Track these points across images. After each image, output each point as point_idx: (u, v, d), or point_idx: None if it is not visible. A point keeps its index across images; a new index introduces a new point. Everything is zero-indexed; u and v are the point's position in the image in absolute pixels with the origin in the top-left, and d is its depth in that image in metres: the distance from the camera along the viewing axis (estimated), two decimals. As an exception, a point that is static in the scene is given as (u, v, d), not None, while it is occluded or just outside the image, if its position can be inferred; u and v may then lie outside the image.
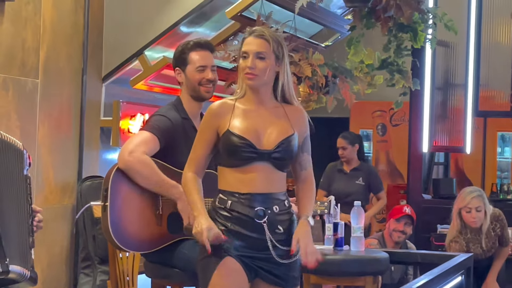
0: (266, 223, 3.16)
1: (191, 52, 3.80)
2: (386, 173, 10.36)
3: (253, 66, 3.17)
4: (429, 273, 4.04)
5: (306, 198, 3.33)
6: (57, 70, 5.53)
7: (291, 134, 3.23)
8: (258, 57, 3.18)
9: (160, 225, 3.66)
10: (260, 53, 3.19)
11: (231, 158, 3.17)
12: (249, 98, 3.24)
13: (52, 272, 5.45)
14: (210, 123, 3.22)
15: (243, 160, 3.16)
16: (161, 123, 3.71)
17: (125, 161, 3.58)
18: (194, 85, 3.78)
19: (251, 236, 3.15)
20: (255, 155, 3.16)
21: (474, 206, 5.62)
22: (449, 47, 8.26)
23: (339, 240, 4.68)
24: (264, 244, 3.16)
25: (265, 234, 3.15)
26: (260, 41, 3.21)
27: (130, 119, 5.97)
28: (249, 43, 3.21)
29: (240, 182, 3.17)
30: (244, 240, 3.15)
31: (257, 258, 3.17)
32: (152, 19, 5.92)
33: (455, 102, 8.43)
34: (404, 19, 5.54)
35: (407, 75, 6.02)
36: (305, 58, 5.82)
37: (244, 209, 3.15)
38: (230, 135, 3.16)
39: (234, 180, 3.18)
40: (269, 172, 3.20)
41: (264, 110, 3.24)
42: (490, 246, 5.75)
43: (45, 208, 3.91)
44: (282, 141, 3.20)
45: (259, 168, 3.17)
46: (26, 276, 3.07)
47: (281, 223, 3.21)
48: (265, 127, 3.21)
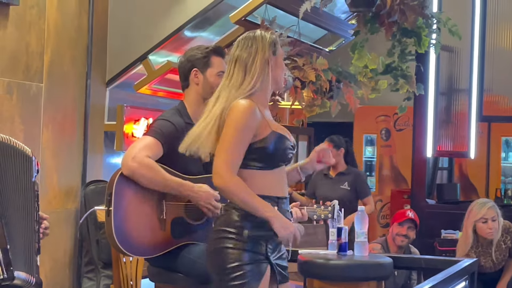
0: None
1: (214, 56, 3.84)
2: (390, 178, 10.36)
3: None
4: (432, 278, 4.03)
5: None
6: (61, 74, 5.54)
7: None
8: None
9: (164, 230, 3.66)
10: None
11: (274, 160, 3.13)
12: (264, 96, 3.20)
13: (56, 276, 5.45)
14: (250, 124, 3.08)
15: (285, 161, 3.18)
16: (165, 128, 3.71)
17: (129, 167, 3.58)
18: (212, 88, 3.78)
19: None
20: (292, 155, 3.22)
21: (490, 216, 5.63)
22: (453, 52, 8.26)
23: (343, 245, 4.66)
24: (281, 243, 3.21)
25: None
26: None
27: (134, 124, 5.97)
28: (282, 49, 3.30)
29: (275, 185, 3.15)
30: (277, 245, 3.19)
31: (279, 259, 3.21)
32: (156, 24, 5.92)
33: (459, 107, 8.43)
34: (408, 24, 5.54)
35: (411, 80, 6.01)
36: (309, 62, 5.81)
37: (285, 213, 3.18)
38: (279, 137, 3.14)
39: (269, 184, 3.14)
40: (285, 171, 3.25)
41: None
42: (500, 259, 5.74)
43: (48, 212, 3.91)
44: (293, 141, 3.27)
45: (283, 169, 3.21)
46: (31, 282, 3.07)
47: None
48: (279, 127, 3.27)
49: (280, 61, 3.22)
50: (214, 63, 3.83)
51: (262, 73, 3.16)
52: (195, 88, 3.83)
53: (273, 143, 3.10)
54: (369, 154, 10.63)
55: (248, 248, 3.08)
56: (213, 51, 3.85)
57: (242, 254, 3.07)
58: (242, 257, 3.07)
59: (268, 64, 3.17)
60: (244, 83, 3.15)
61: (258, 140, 3.10)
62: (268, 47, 3.19)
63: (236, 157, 3.07)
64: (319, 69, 5.83)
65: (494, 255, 5.66)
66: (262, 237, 3.10)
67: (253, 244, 3.09)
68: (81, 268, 5.56)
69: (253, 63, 3.16)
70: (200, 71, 3.81)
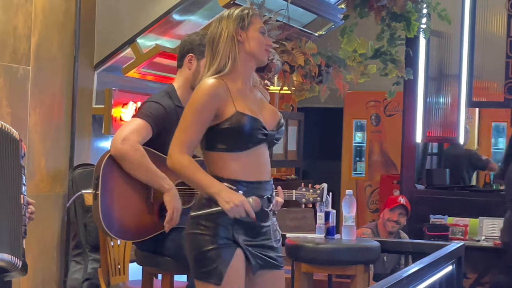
0: (272, 211, 3.16)
1: None
2: (380, 163, 10.38)
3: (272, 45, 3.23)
4: (419, 262, 4.04)
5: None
6: (48, 58, 5.51)
7: (281, 116, 3.24)
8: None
9: (151, 214, 3.66)
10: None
11: (239, 141, 3.06)
12: (240, 76, 3.14)
13: (43, 260, 5.43)
14: (209, 105, 3.03)
15: (254, 143, 3.08)
16: (154, 110, 3.70)
17: (118, 148, 3.57)
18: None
19: (258, 224, 3.10)
20: (264, 137, 3.10)
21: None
22: (443, 37, 8.25)
23: (331, 229, 4.67)
24: (264, 230, 3.14)
25: (269, 220, 3.15)
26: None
27: (122, 107, 5.95)
28: (261, 22, 3.21)
29: (246, 169, 3.07)
30: (251, 229, 3.10)
31: (259, 246, 3.12)
32: (145, 7, 5.89)
33: (449, 92, 8.43)
34: (397, 8, 5.54)
35: (400, 65, 6.01)
36: (298, 47, 5.79)
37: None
38: (242, 116, 3.05)
39: (239, 167, 3.08)
40: (266, 154, 3.15)
41: (252, 91, 3.21)
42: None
43: (36, 196, 3.90)
44: (278, 121, 3.20)
45: (261, 151, 3.11)
46: (16, 264, 3.05)
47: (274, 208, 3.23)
48: (261, 108, 3.18)
49: (255, 35, 3.14)
50: None
51: (229, 51, 3.11)
52: (186, 72, 3.82)
53: (237, 124, 3.04)
54: (359, 140, 10.64)
55: (213, 233, 3.05)
56: None
57: (207, 240, 3.04)
58: (207, 242, 3.04)
59: (234, 41, 3.12)
60: (213, 62, 3.12)
61: (222, 121, 3.06)
62: (234, 23, 3.13)
63: (189, 137, 3.05)
64: (308, 54, 5.81)
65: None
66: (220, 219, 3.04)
67: (218, 228, 3.05)
68: (69, 251, 5.55)
69: (218, 42, 3.12)
70: (196, 58, 3.80)
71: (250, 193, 3.05)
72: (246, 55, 3.13)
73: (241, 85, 3.14)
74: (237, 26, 3.13)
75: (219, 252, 3.03)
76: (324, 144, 11.51)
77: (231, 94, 3.06)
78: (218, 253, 3.03)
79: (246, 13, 3.16)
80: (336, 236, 4.69)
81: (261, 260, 3.14)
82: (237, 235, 3.07)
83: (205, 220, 3.07)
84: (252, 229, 3.11)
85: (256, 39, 3.13)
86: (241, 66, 3.13)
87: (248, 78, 3.18)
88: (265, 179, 3.12)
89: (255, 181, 3.09)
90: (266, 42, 3.17)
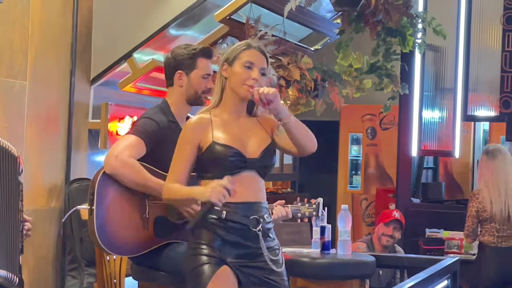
0: (261, 231, 3.21)
1: (200, 58, 3.79)
2: (376, 177, 10.37)
3: (258, 79, 3.22)
4: (415, 277, 4.05)
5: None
6: (45, 72, 5.52)
7: (270, 143, 3.29)
8: (261, 73, 3.24)
9: (146, 229, 3.65)
10: (263, 69, 3.26)
11: (219, 169, 3.17)
12: (227, 109, 3.28)
13: (39, 274, 5.43)
14: (190, 139, 3.23)
15: (232, 170, 3.17)
16: (148, 126, 3.70)
17: (111, 166, 3.58)
18: (196, 91, 3.77)
19: (247, 245, 3.19)
20: (244, 164, 3.20)
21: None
22: (438, 52, 8.28)
23: (326, 244, 4.68)
24: (257, 252, 3.21)
25: (259, 242, 3.20)
26: (263, 57, 3.28)
27: (119, 122, 5.96)
28: (254, 55, 3.25)
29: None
30: (240, 249, 3.18)
31: (252, 267, 3.19)
32: (141, 22, 5.91)
33: (444, 106, 8.45)
34: (392, 23, 5.56)
35: (396, 79, 6.04)
36: (294, 61, 5.82)
37: (239, 218, 3.18)
38: (217, 146, 3.19)
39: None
40: (255, 180, 3.24)
41: (243, 120, 3.30)
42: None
43: (32, 210, 3.91)
44: (265, 149, 3.26)
45: (246, 177, 3.21)
46: (12, 281, 3.06)
47: (270, 231, 3.27)
48: (247, 137, 3.26)
49: (237, 70, 3.24)
50: (200, 65, 3.79)
51: (216, 86, 3.30)
52: (179, 90, 3.81)
53: (211, 153, 3.18)
54: (354, 153, 10.64)
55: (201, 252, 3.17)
56: (200, 52, 3.80)
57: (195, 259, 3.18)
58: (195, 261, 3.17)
59: (219, 77, 3.29)
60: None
61: (202, 152, 3.21)
62: (223, 61, 3.29)
63: (176, 168, 3.25)
64: (304, 68, 5.85)
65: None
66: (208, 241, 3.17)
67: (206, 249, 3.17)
68: (65, 266, 5.55)
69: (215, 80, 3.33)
70: (185, 73, 3.78)
71: (233, 213, 3.18)
72: (230, 90, 3.26)
73: (227, 116, 3.27)
74: (224, 62, 3.27)
75: (204, 269, 3.15)
76: (320, 158, 11.50)
77: (213, 125, 3.22)
78: (203, 269, 3.15)
79: (236, 48, 3.28)
80: (331, 251, 4.70)
81: (256, 279, 3.20)
82: (225, 256, 3.17)
83: (195, 242, 3.21)
84: (241, 250, 3.19)
85: (235, 75, 3.23)
86: (227, 100, 3.27)
87: (236, 109, 3.28)
88: (251, 201, 3.22)
89: (240, 202, 3.18)
90: (248, 76, 3.22)
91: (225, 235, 3.17)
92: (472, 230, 6.10)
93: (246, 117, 3.32)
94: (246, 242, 3.19)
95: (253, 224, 3.20)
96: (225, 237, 3.17)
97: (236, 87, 3.24)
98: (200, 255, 3.17)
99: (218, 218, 3.17)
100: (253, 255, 3.20)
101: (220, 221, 3.17)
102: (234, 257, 3.18)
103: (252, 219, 3.20)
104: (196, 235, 3.22)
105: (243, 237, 3.18)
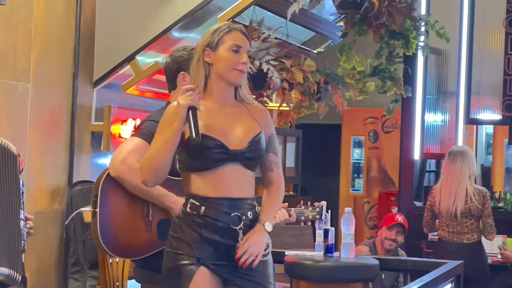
0: (242, 229, 3.04)
1: None
2: (378, 180, 10.37)
3: (247, 62, 3.06)
4: (418, 280, 4.04)
5: (269, 203, 3.15)
6: (48, 75, 5.52)
7: (259, 132, 3.08)
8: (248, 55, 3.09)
9: (149, 232, 3.64)
10: (248, 51, 3.11)
11: (200, 161, 3.01)
12: (213, 97, 3.09)
13: (42, 277, 5.43)
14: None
15: (214, 162, 3.00)
16: (153, 129, 3.68)
17: (117, 169, 3.57)
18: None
19: (225, 243, 3.03)
20: (226, 156, 3.02)
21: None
22: (441, 55, 8.28)
23: (330, 247, 4.67)
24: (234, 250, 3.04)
25: (240, 240, 3.03)
26: (247, 40, 3.11)
27: (122, 124, 5.96)
28: (239, 37, 3.08)
29: (211, 186, 3.02)
30: (218, 247, 3.03)
31: (230, 266, 3.04)
32: (144, 24, 5.91)
33: (447, 109, 8.45)
34: (396, 26, 5.56)
35: (399, 82, 6.04)
36: (297, 64, 5.81)
37: (219, 215, 3.02)
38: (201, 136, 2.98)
39: (204, 184, 3.02)
40: (240, 173, 3.05)
41: (229, 109, 3.10)
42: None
43: (35, 213, 3.90)
44: (251, 139, 3.06)
45: (230, 170, 3.03)
46: (15, 278, 3.05)
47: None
48: (232, 126, 3.07)
49: (223, 55, 3.06)
50: None
51: (197, 74, 3.09)
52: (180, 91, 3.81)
53: (191, 143, 2.99)
54: (357, 156, 10.64)
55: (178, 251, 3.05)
56: None
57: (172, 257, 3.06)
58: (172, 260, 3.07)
59: (201, 64, 3.08)
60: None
61: (182, 142, 3.03)
62: (201, 46, 3.08)
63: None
64: (307, 71, 5.84)
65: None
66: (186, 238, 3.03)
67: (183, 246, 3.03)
68: (67, 268, 5.54)
69: (192, 67, 3.13)
70: (188, 74, 3.79)
71: (214, 209, 3.01)
72: (216, 76, 3.07)
73: (213, 104, 3.08)
74: (206, 47, 3.07)
75: (181, 270, 3.02)
76: (322, 161, 11.51)
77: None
78: (180, 271, 3.02)
79: (217, 32, 3.08)
80: (335, 254, 4.68)
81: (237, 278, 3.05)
82: (202, 255, 3.02)
83: (172, 237, 3.09)
84: (219, 248, 3.03)
85: (223, 60, 3.05)
86: (212, 87, 3.09)
87: (222, 97, 3.09)
88: (233, 196, 3.04)
89: (221, 197, 3.02)
90: (238, 60, 3.06)
91: (203, 232, 3.01)
92: (427, 222, 6.45)
93: (233, 105, 3.12)
94: (226, 241, 3.02)
95: (234, 222, 3.03)
96: (203, 234, 3.00)
97: (224, 73, 3.05)
98: (178, 254, 3.03)
99: (196, 213, 3.01)
100: (233, 254, 3.02)
101: (199, 217, 3.01)
102: (212, 256, 3.02)
103: (233, 216, 3.03)
104: (174, 229, 3.09)
105: (222, 235, 3.01)
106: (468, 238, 6.22)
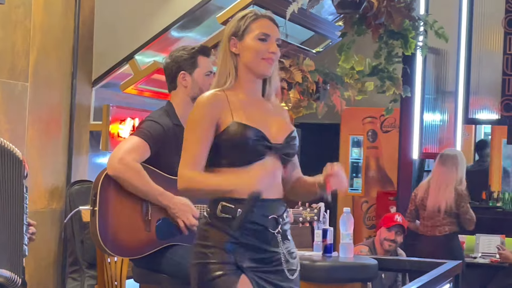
0: (280, 233, 2.81)
1: (200, 57, 3.80)
2: (376, 180, 10.36)
3: (277, 52, 2.84)
4: (417, 280, 4.04)
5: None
6: (47, 74, 5.52)
7: (294, 130, 2.90)
8: (277, 44, 2.86)
9: (148, 231, 3.65)
10: (278, 39, 2.87)
11: (240, 153, 2.75)
12: (243, 89, 2.86)
13: (40, 276, 5.42)
14: (207, 116, 2.77)
15: (256, 155, 2.75)
16: (153, 129, 3.69)
17: (115, 168, 3.57)
18: (201, 89, 3.74)
19: (264, 248, 2.78)
20: (268, 149, 2.78)
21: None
22: (440, 55, 8.29)
23: (328, 247, 4.67)
24: (275, 256, 2.80)
25: (278, 245, 2.80)
26: (276, 28, 2.89)
27: (120, 124, 5.96)
28: (267, 25, 2.85)
29: (247, 185, 2.72)
30: (256, 253, 2.76)
31: (268, 272, 2.79)
32: (143, 24, 5.91)
33: (446, 109, 8.46)
34: (394, 26, 5.55)
35: (398, 82, 6.03)
36: (295, 64, 5.82)
37: (257, 218, 2.75)
38: (239, 126, 2.75)
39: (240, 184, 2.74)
40: (277, 170, 2.83)
41: (260, 103, 2.89)
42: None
43: (33, 212, 3.90)
44: (288, 135, 2.86)
45: (268, 166, 2.78)
46: (15, 281, 3.06)
47: (288, 232, 2.87)
48: (268, 120, 2.85)
49: (250, 44, 2.83)
50: (201, 64, 3.81)
51: (226, 66, 2.86)
52: (183, 90, 3.81)
53: (234, 134, 2.75)
54: (355, 156, 10.63)
55: (215, 260, 2.74)
56: (199, 51, 3.83)
57: (210, 268, 2.74)
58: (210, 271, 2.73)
59: (229, 55, 2.86)
60: (215, 79, 2.90)
61: (220, 133, 2.77)
62: (227, 36, 2.87)
63: (192, 152, 2.77)
64: (305, 71, 5.84)
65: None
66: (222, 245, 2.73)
67: (221, 255, 2.74)
68: (66, 268, 5.54)
69: (218, 58, 2.91)
70: (188, 73, 3.79)
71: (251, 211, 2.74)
72: (244, 68, 2.85)
73: (244, 96, 2.85)
74: (232, 37, 2.86)
75: (223, 280, 2.71)
76: (320, 160, 11.48)
77: (230, 105, 2.79)
78: (222, 281, 2.71)
79: (243, 20, 2.86)
80: (333, 254, 4.68)
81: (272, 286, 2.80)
82: (241, 260, 2.75)
83: (201, 246, 2.78)
84: (257, 253, 2.77)
85: (250, 50, 2.83)
86: (242, 79, 2.86)
87: (252, 90, 2.87)
88: (271, 197, 2.79)
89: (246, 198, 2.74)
90: (266, 49, 2.83)
91: (240, 237, 2.73)
92: (410, 212, 6.79)
93: (264, 101, 2.90)
94: (264, 245, 2.77)
95: (272, 225, 2.79)
96: (239, 239, 2.73)
97: (252, 63, 2.82)
98: (212, 264, 2.74)
99: (231, 217, 2.73)
100: (271, 260, 2.78)
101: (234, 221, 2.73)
102: (250, 263, 2.75)
103: (270, 219, 2.78)
104: (201, 236, 2.79)
105: (260, 239, 2.76)
106: (440, 231, 6.50)
